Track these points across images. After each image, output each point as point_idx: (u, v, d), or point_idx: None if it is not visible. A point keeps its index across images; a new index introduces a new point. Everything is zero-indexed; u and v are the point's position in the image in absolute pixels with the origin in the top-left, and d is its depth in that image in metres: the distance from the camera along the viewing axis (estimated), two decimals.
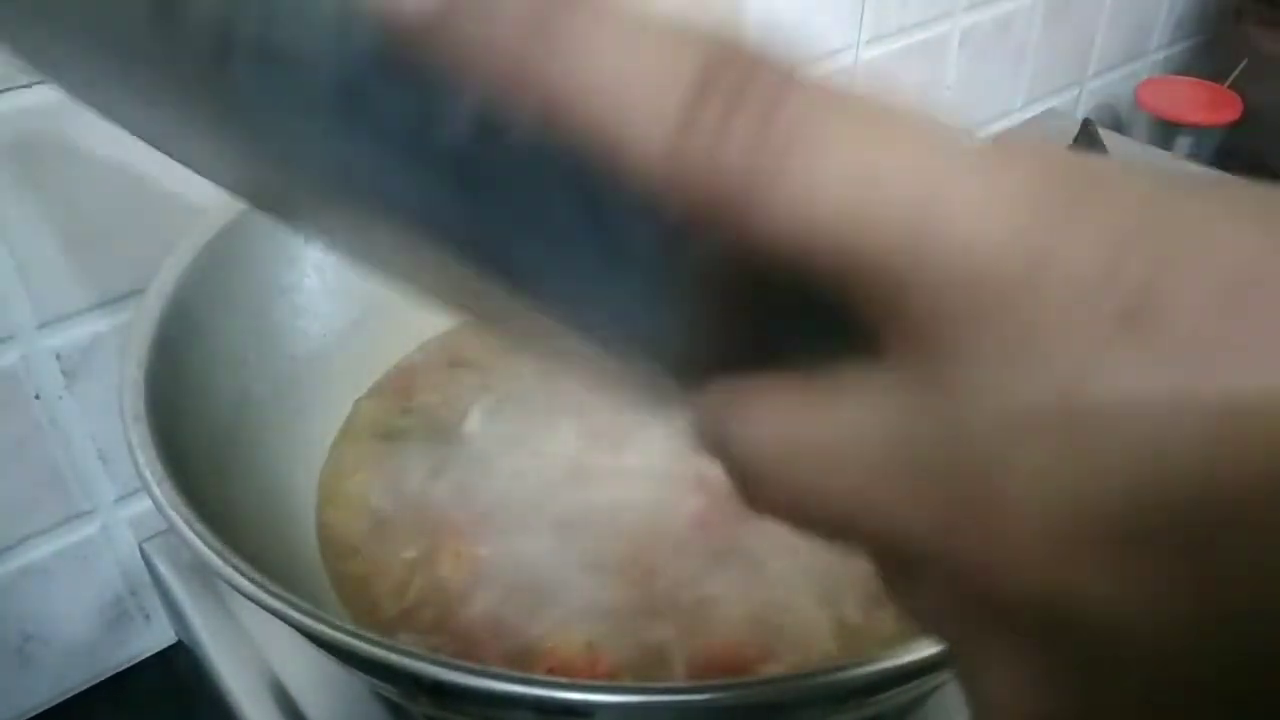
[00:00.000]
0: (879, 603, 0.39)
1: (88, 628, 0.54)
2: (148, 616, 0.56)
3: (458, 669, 0.27)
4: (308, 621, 0.28)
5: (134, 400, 0.35)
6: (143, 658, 0.57)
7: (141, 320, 0.38)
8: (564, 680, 0.27)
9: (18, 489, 0.49)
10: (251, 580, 0.29)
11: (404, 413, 0.48)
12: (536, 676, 0.27)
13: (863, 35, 0.75)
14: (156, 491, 0.32)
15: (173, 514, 0.31)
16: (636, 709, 0.28)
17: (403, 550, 0.42)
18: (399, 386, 0.51)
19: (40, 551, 0.51)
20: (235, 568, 0.30)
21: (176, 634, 0.56)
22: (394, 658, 0.27)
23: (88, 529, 0.52)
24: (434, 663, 0.27)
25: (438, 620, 0.40)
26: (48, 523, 0.51)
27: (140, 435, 0.34)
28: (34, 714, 0.54)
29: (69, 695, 0.55)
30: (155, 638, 0.57)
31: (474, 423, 0.47)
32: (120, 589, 0.55)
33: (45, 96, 0.43)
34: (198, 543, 0.30)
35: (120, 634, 0.56)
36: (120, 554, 0.54)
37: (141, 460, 0.33)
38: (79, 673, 0.55)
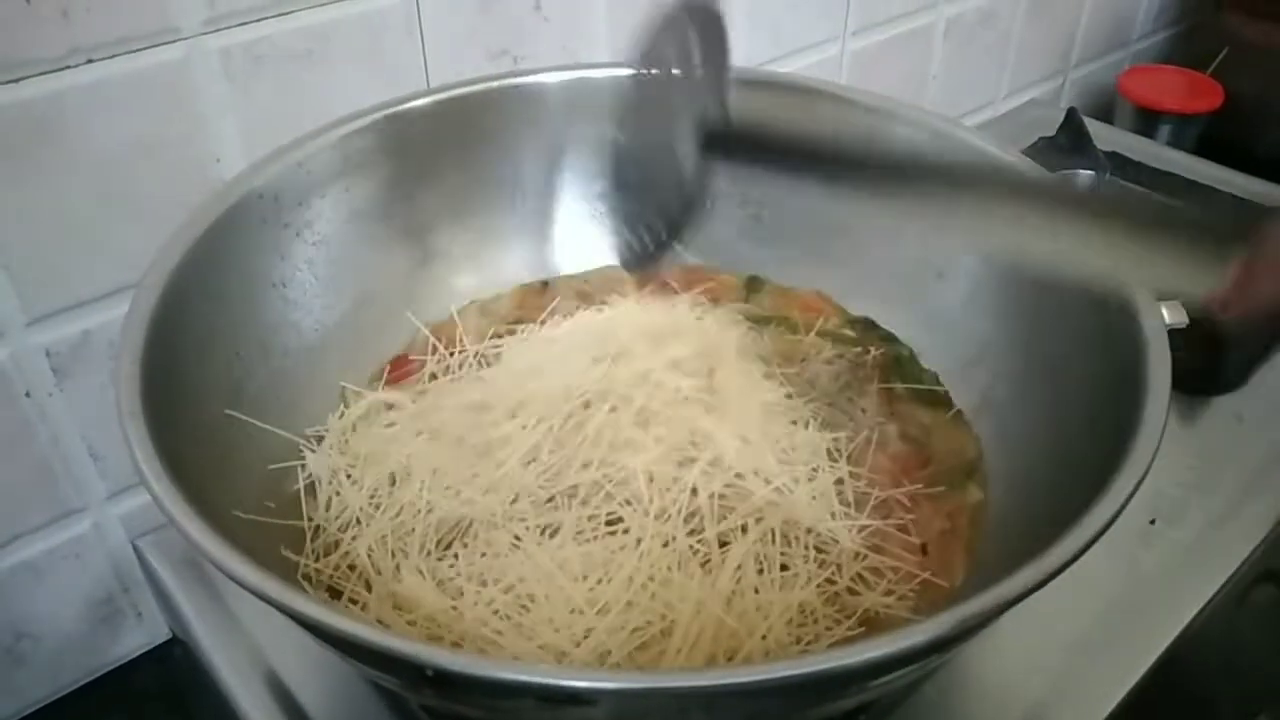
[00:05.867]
0: None
1: (80, 625, 0.54)
2: (140, 614, 0.56)
3: (462, 658, 0.27)
4: (312, 613, 0.28)
5: (129, 396, 0.35)
6: (136, 654, 0.57)
7: (134, 316, 0.38)
8: (568, 669, 0.27)
9: (8, 487, 0.49)
10: (254, 573, 0.29)
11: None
12: (540, 665, 0.27)
13: (849, 26, 0.75)
14: (155, 487, 0.32)
15: (172, 509, 0.31)
16: (640, 695, 0.28)
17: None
18: (391, 379, 0.51)
19: (31, 549, 0.51)
20: (237, 561, 0.30)
21: (171, 630, 0.56)
22: (399, 648, 0.27)
23: (79, 526, 0.52)
24: (438, 652, 0.27)
25: None
26: (39, 521, 0.51)
27: (136, 431, 0.34)
28: (28, 712, 0.54)
29: (63, 693, 0.55)
30: (148, 635, 0.57)
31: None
32: (113, 586, 0.55)
33: (33, 91, 0.42)
34: (199, 538, 0.30)
35: (113, 631, 0.56)
36: (112, 551, 0.54)
37: (139, 456, 0.33)
38: (72, 671, 0.55)
